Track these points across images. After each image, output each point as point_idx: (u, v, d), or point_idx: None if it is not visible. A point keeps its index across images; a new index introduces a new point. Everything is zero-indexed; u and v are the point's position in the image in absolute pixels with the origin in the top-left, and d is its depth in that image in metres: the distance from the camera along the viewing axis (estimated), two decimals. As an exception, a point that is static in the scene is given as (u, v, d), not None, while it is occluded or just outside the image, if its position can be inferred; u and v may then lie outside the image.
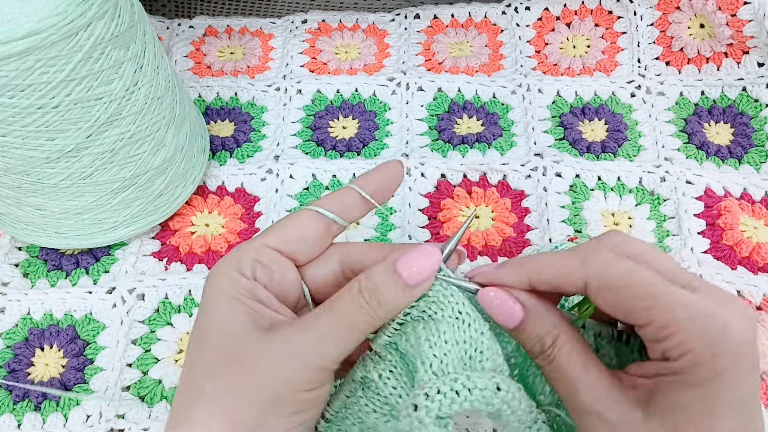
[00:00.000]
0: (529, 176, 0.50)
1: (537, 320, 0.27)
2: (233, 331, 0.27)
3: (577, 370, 0.26)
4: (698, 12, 0.55)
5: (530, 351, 0.28)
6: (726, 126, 0.53)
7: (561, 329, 0.27)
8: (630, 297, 0.25)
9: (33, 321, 0.44)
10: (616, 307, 0.25)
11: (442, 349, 0.27)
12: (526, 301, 0.28)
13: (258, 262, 0.29)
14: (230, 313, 0.27)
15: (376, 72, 0.58)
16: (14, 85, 0.33)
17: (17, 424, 0.41)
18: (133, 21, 0.39)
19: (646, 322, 0.24)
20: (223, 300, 0.28)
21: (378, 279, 0.27)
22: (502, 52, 0.59)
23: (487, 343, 0.27)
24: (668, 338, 0.24)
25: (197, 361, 0.27)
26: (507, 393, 0.26)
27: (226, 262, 0.29)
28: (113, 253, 0.47)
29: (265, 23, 0.62)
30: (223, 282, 0.28)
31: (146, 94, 0.40)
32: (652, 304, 0.24)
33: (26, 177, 0.39)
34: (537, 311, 0.27)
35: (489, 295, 0.28)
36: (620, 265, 0.25)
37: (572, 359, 0.26)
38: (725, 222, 0.46)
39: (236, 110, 0.56)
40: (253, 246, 0.29)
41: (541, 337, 0.27)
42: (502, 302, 0.27)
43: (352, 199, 0.31)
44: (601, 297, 0.25)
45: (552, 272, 0.27)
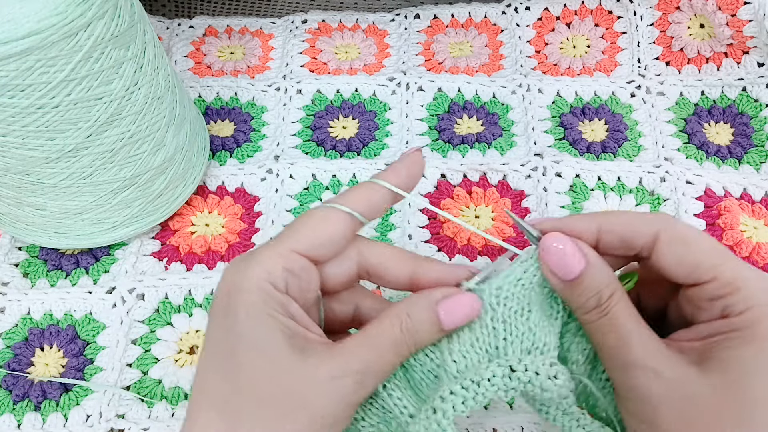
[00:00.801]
0: (529, 176, 0.50)
1: (597, 273, 0.27)
2: (271, 357, 0.25)
3: (631, 324, 0.26)
4: (698, 12, 0.55)
5: (583, 306, 0.27)
6: (726, 126, 0.53)
7: (617, 285, 0.27)
8: (699, 251, 0.25)
9: (33, 321, 0.44)
10: (682, 261, 0.26)
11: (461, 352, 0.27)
12: (589, 253, 0.27)
13: (289, 272, 0.27)
14: (266, 335, 0.25)
15: (376, 72, 0.58)
16: (14, 85, 0.33)
17: (17, 424, 0.41)
18: (133, 21, 0.39)
19: (711, 277, 0.25)
20: (256, 317, 0.25)
21: (419, 319, 0.27)
22: (502, 52, 0.59)
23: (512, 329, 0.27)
24: (733, 293, 0.24)
25: (233, 389, 0.25)
26: (524, 372, 0.26)
27: (255, 271, 0.26)
28: (113, 253, 0.47)
29: (265, 23, 0.62)
30: (256, 297, 0.26)
31: (146, 94, 0.40)
32: (720, 261, 0.25)
33: (26, 177, 0.39)
34: (598, 263, 0.27)
35: (552, 243, 0.27)
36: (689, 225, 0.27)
37: (628, 314, 0.26)
38: (725, 222, 0.46)
39: (236, 110, 0.56)
40: (281, 252, 0.27)
41: (599, 290, 0.26)
42: (565, 251, 0.27)
43: (378, 195, 0.29)
44: (669, 249, 0.26)
45: (624, 221, 0.27)
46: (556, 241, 0.27)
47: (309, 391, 0.25)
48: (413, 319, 0.27)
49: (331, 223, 0.28)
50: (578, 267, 0.26)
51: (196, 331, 0.44)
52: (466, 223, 0.48)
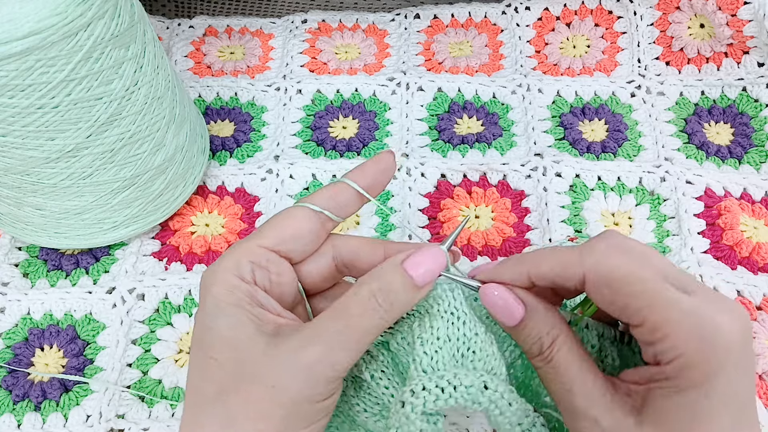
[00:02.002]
0: (529, 176, 0.50)
1: (537, 319, 0.27)
2: (239, 345, 0.26)
3: (573, 373, 0.26)
4: (698, 12, 0.55)
5: (528, 351, 0.27)
6: (726, 126, 0.53)
7: (560, 330, 0.27)
8: (625, 294, 0.24)
9: (33, 321, 0.44)
10: (612, 304, 0.25)
11: (434, 346, 0.27)
12: (527, 300, 0.27)
13: (255, 264, 0.28)
14: (233, 324, 0.26)
15: (376, 72, 0.58)
16: (14, 85, 0.33)
17: (17, 424, 0.41)
18: (133, 21, 0.39)
19: (639, 321, 0.24)
20: (224, 309, 0.26)
21: (388, 279, 0.26)
22: (502, 52, 0.59)
23: (481, 344, 0.27)
24: (660, 341, 0.24)
25: (204, 380, 0.26)
26: (494, 392, 0.26)
27: (223, 266, 0.28)
28: (113, 253, 0.47)
29: (265, 23, 0.62)
30: (222, 289, 0.27)
31: (146, 94, 0.40)
32: (646, 303, 0.24)
33: (26, 177, 0.39)
34: (537, 310, 0.27)
35: (491, 292, 0.28)
36: (617, 259, 0.25)
37: (570, 361, 0.26)
38: (725, 222, 0.46)
39: (236, 110, 0.56)
40: (249, 247, 0.28)
41: (540, 336, 0.27)
42: (504, 300, 0.27)
43: (346, 193, 0.30)
44: (598, 292, 0.25)
45: (550, 266, 0.26)
46: (495, 289, 0.28)
47: (272, 370, 0.25)
48: (381, 281, 0.26)
49: (295, 220, 0.29)
50: (518, 314, 0.27)
51: (196, 331, 0.44)
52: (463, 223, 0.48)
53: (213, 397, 0.25)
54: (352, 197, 0.30)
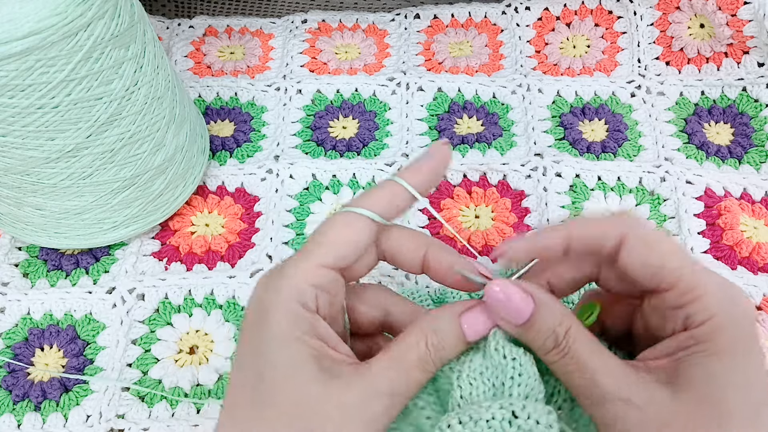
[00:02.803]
0: (529, 176, 0.50)
1: (547, 312, 0.26)
2: (299, 382, 0.24)
3: (594, 359, 0.25)
4: (698, 12, 0.55)
5: (541, 347, 0.26)
6: (726, 126, 0.53)
7: (571, 320, 0.26)
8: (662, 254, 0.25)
9: (33, 321, 0.44)
10: (646, 263, 0.25)
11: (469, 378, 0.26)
12: (535, 293, 0.26)
13: (318, 288, 0.26)
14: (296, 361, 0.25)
15: (376, 72, 0.58)
16: (14, 85, 0.33)
17: (17, 424, 0.41)
18: (133, 21, 0.39)
19: (672, 283, 0.25)
20: (286, 342, 0.25)
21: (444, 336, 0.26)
22: (502, 52, 0.59)
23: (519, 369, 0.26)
24: (693, 302, 0.24)
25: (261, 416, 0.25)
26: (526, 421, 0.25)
27: (285, 293, 0.26)
28: (113, 253, 0.47)
29: (265, 23, 0.62)
30: (286, 319, 0.25)
31: (146, 94, 0.40)
32: (682, 266, 0.25)
33: (26, 177, 0.39)
34: (546, 302, 0.26)
35: (494, 289, 0.26)
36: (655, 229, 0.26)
37: (588, 348, 0.25)
38: (725, 222, 0.46)
39: (236, 110, 0.56)
40: (309, 268, 0.26)
41: (553, 329, 0.26)
42: (511, 296, 0.26)
43: (400, 196, 0.28)
44: (634, 252, 0.26)
45: (589, 227, 0.27)
46: (499, 286, 0.26)
47: (339, 416, 0.24)
48: (439, 335, 0.26)
49: (354, 231, 0.27)
50: (527, 310, 0.26)
51: (196, 331, 0.44)
52: (465, 223, 0.48)
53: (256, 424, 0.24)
54: (405, 198, 0.28)
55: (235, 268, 0.46)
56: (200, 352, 0.43)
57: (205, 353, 0.43)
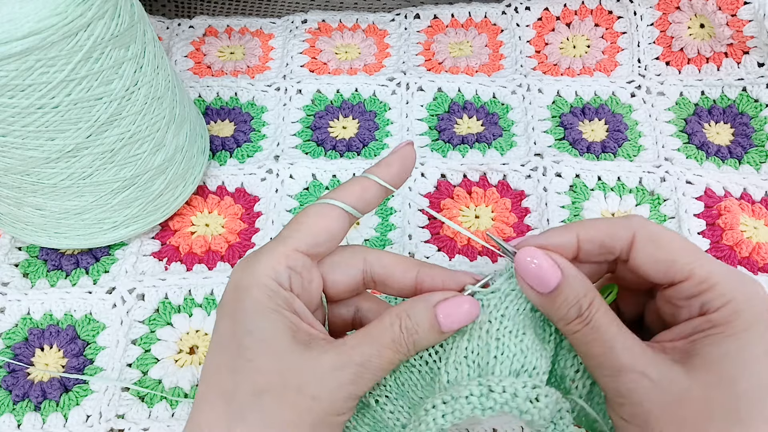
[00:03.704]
0: (529, 176, 0.50)
1: (575, 283, 0.27)
2: (277, 351, 0.26)
3: (614, 330, 0.26)
4: (698, 12, 0.55)
5: (564, 317, 0.27)
6: (726, 126, 0.53)
7: (595, 293, 0.27)
8: (673, 250, 0.26)
9: (33, 321, 0.44)
10: (658, 260, 0.26)
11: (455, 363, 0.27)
12: (563, 265, 0.27)
13: (293, 270, 0.28)
14: (272, 330, 0.26)
15: (376, 72, 0.58)
16: (14, 85, 0.33)
17: (17, 424, 0.41)
18: (133, 21, 0.39)
19: (686, 274, 0.26)
20: (263, 313, 0.27)
21: (418, 321, 0.27)
22: (502, 52, 0.59)
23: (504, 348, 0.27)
24: (709, 290, 0.25)
25: (240, 380, 0.26)
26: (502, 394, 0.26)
27: (261, 270, 0.27)
28: (113, 253, 0.47)
29: (265, 23, 0.62)
30: (262, 293, 0.27)
31: (146, 94, 0.40)
32: (693, 259, 0.26)
33: (26, 177, 0.39)
34: (574, 273, 0.27)
35: (526, 258, 0.27)
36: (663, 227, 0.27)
37: (609, 319, 0.26)
38: (725, 222, 0.46)
39: (236, 110, 0.56)
40: (284, 251, 0.28)
41: (578, 299, 0.26)
42: (539, 265, 0.27)
43: (371, 190, 0.30)
44: (645, 250, 0.27)
45: (600, 227, 0.28)
46: (530, 255, 0.27)
47: (310, 380, 0.26)
48: (412, 320, 0.27)
49: (327, 220, 0.29)
50: (554, 279, 0.27)
51: (196, 331, 0.44)
52: (465, 223, 0.48)
53: (251, 396, 0.26)
54: (376, 191, 0.30)
55: (235, 268, 0.46)
56: (200, 352, 0.43)
57: (205, 353, 0.43)
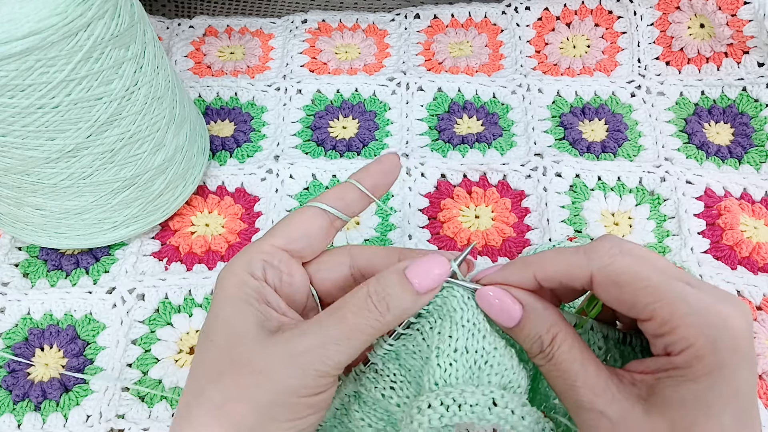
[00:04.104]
0: (529, 176, 0.50)
1: (535, 319, 0.27)
2: (239, 333, 0.27)
3: (575, 368, 0.26)
4: (698, 12, 0.55)
5: (529, 350, 0.28)
6: (726, 126, 0.53)
7: (559, 328, 0.27)
8: (633, 291, 0.25)
9: (33, 321, 0.44)
10: (620, 302, 0.25)
11: (449, 358, 0.27)
12: (525, 300, 0.27)
13: (267, 263, 0.29)
14: (238, 315, 0.28)
15: (376, 72, 0.58)
16: (14, 85, 0.33)
17: (17, 424, 0.41)
18: (133, 21, 0.39)
19: (648, 316, 0.25)
20: (231, 301, 0.28)
21: (387, 283, 0.27)
22: (502, 52, 0.59)
23: (499, 358, 0.27)
24: (670, 333, 0.24)
25: (202, 362, 0.28)
26: (504, 409, 0.26)
27: (237, 263, 0.29)
28: (113, 253, 0.47)
29: (265, 23, 0.62)
30: (232, 283, 0.28)
31: (146, 94, 0.40)
32: (655, 299, 0.24)
33: (26, 177, 0.39)
34: (535, 309, 0.27)
35: (488, 294, 0.28)
36: (624, 260, 0.25)
37: (571, 357, 0.26)
38: (725, 222, 0.46)
39: (236, 110, 0.56)
40: (261, 247, 0.30)
41: (539, 335, 0.27)
42: (501, 301, 0.27)
43: (353, 194, 0.32)
44: (605, 291, 0.26)
45: (557, 267, 0.27)
46: (491, 291, 0.28)
47: (274, 364, 0.26)
48: (381, 283, 0.27)
49: (305, 219, 0.31)
50: (516, 315, 0.27)
51: (196, 331, 0.44)
52: (465, 223, 0.48)
53: (209, 378, 0.27)
54: (357, 197, 0.32)
55: (235, 268, 0.46)
56: (200, 352, 0.43)
57: (205, 353, 0.43)
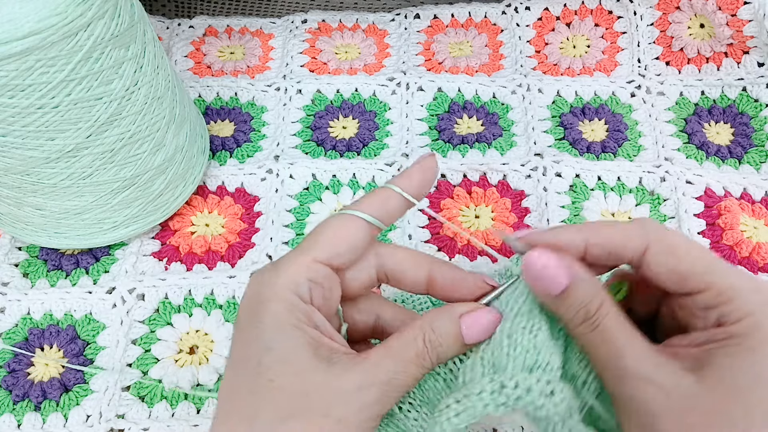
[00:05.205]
0: (529, 176, 0.50)
1: (583, 286, 0.26)
2: (299, 369, 0.25)
3: (624, 335, 0.26)
4: (698, 12, 0.55)
5: (572, 320, 0.27)
6: (726, 126, 0.53)
7: (604, 297, 0.26)
8: (691, 261, 0.25)
9: (33, 321, 0.44)
10: (674, 272, 0.26)
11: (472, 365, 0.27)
12: (572, 267, 0.27)
13: (313, 282, 0.27)
14: (294, 347, 0.25)
15: (376, 72, 0.58)
16: (14, 85, 0.33)
17: (17, 424, 0.41)
18: (133, 21, 0.39)
19: (704, 287, 0.25)
20: (283, 330, 0.26)
21: (442, 333, 0.27)
22: (502, 52, 0.59)
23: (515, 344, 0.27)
24: (728, 302, 0.24)
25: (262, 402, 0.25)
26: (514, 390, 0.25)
27: (281, 283, 0.26)
28: (113, 253, 0.47)
29: (265, 23, 0.62)
30: (282, 308, 0.26)
31: (146, 94, 0.40)
32: (711, 269, 0.25)
33: (26, 177, 0.39)
34: (584, 276, 0.26)
35: (534, 257, 0.27)
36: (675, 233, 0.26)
37: (618, 324, 0.26)
38: (725, 222, 0.46)
39: (236, 110, 0.56)
40: (304, 262, 0.27)
41: (586, 303, 0.26)
42: (548, 266, 0.26)
43: (395, 202, 0.29)
44: (659, 261, 0.26)
45: (612, 234, 0.27)
46: (539, 256, 0.27)
47: (334, 401, 0.25)
48: (436, 333, 0.27)
49: (350, 231, 0.28)
50: (563, 282, 0.26)
51: (196, 331, 0.44)
52: (465, 223, 0.48)
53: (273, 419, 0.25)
54: (399, 204, 0.30)
55: (235, 268, 0.46)
56: (200, 352, 0.43)
57: (205, 353, 0.43)
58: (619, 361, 0.25)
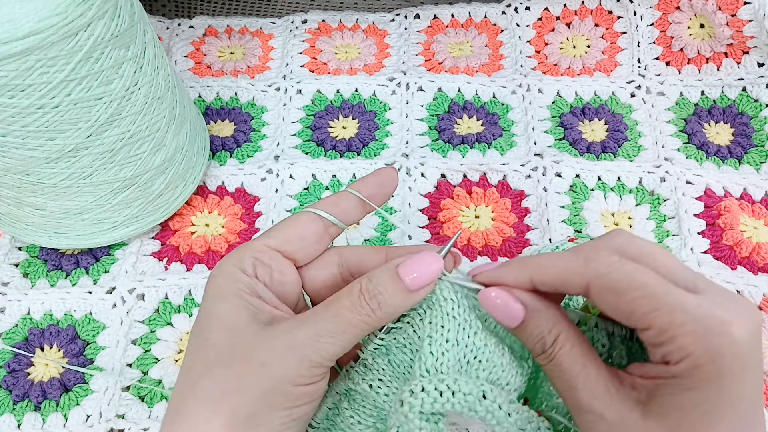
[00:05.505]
0: (529, 176, 0.50)
1: (538, 319, 0.27)
2: (233, 327, 0.28)
3: (576, 369, 0.26)
4: (698, 12, 0.55)
5: (532, 350, 0.28)
6: (726, 126, 0.53)
7: (562, 328, 0.27)
8: (630, 301, 0.24)
9: (33, 321, 0.44)
10: (617, 311, 0.25)
11: (441, 348, 0.27)
12: (527, 301, 0.27)
13: (258, 260, 0.30)
14: (230, 310, 0.28)
15: (376, 72, 0.58)
16: (14, 85, 0.33)
17: (17, 424, 0.41)
18: (133, 21, 0.39)
19: (646, 326, 0.24)
20: (223, 297, 0.28)
21: (379, 281, 0.28)
22: (502, 52, 0.59)
23: (489, 355, 0.28)
24: (667, 343, 0.24)
25: (196, 358, 0.28)
26: (492, 403, 0.26)
27: (228, 261, 0.30)
28: (113, 253, 0.47)
29: (265, 23, 0.62)
30: (224, 279, 0.29)
31: (146, 94, 0.40)
32: (652, 308, 0.24)
33: (26, 177, 0.39)
34: (538, 310, 0.27)
35: (491, 294, 0.28)
36: (621, 267, 0.25)
37: (572, 358, 0.26)
38: (725, 222, 0.46)
39: (236, 110, 0.56)
40: (254, 246, 0.30)
41: (542, 336, 0.27)
42: (504, 302, 0.27)
43: (350, 202, 0.32)
44: (601, 300, 0.25)
45: (554, 273, 0.27)
46: (493, 291, 0.28)
47: (258, 348, 0.27)
48: (374, 282, 0.28)
49: (300, 222, 0.31)
50: (518, 315, 0.27)
51: (196, 331, 0.44)
52: (465, 223, 0.48)
53: (203, 372, 0.27)
54: (354, 205, 0.32)
55: (235, 268, 0.46)
56: (200, 352, 0.43)
57: (205, 353, 0.43)
58: (571, 393, 0.26)
